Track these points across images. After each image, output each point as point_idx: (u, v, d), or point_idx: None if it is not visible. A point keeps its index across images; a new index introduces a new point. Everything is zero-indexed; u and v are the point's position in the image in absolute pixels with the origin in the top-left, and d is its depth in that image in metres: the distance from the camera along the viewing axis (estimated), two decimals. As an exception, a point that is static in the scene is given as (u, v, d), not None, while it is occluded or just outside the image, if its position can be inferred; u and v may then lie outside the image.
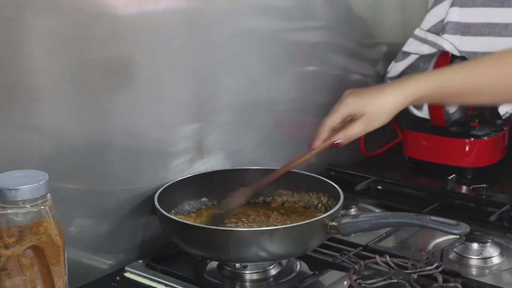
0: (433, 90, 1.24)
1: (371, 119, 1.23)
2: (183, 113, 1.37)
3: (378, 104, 1.23)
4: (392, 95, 1.23)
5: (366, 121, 1.23)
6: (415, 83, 1.25)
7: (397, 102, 1.23)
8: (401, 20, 1.92)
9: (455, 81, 1.25)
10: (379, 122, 1.24)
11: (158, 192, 1.28)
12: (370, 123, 1.24)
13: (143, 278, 1.23)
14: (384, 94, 1.24)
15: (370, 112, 1.22)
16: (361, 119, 1.23)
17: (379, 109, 1.23)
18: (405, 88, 1.24)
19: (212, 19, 1.38)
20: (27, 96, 1.09)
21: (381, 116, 1.23)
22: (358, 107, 1.23)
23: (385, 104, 1.23)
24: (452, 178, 1.60)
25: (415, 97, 1.23)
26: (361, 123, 1.23)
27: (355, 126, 1.23)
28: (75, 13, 1.13)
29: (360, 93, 1.25)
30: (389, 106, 1.23)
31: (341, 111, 1.24)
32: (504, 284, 1.23)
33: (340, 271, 1.24)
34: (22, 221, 0.92)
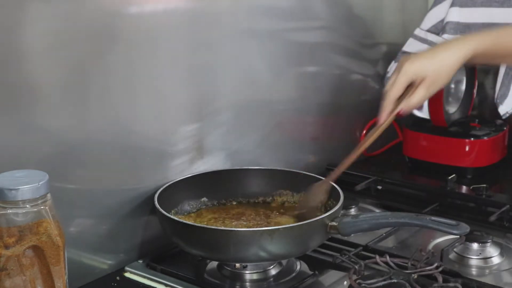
0: (489, 47, 1.22)
1: (432, 81, 1.21)
2: (183, 113, 1.37)
3: (438, 65, 1.21)
4: (450, 53, 1.22)
5: (427, 85, 1.21)
6: (471, 40, 1.23)
7: (456, 60, 1.21)
8: (401, 20, 1.92)
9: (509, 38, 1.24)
10: (441, 83, 1.22)
11: (158, 192, 1.28)
12: (432, 86, 1.21)
13: (143, 278, 1.23)
14: (442, 54, 1.22)
15: (431, 74, 1.20)
16: (423, 83, 1.20)
17: (438, 70, 1.21)
18: (462, 46, 1.22)
19: (212, 19, 1.38)
20: (28, 96, 1.09)
21: (442, 77, 1.21)
22: (418, 71, 1.20)
23: (444, 63, 1.21)
24: (452, 178, 1.60)
25: (472, 54, 1.21)
26: (423, 88, 1.21)
27: (417, 92, 1.21)
28: (75, 14, 1.13)
29: (416, 57, 1.23)
30: (448, 65, 1.21)
31: (401, 80, 1.21)
32: (504, 284, 1.23)
33: (340, 271, 1.24)
34: (22, 221, 0.92)
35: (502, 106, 1.65)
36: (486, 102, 1.92)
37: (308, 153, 1.69)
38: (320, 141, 1.72)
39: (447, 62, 1.21)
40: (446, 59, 1.21)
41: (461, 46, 1.22)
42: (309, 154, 1.70)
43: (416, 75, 1.20)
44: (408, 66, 1.21)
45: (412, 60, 1.21)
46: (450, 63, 1.21)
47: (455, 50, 1.22)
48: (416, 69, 1.21)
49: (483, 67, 1.84)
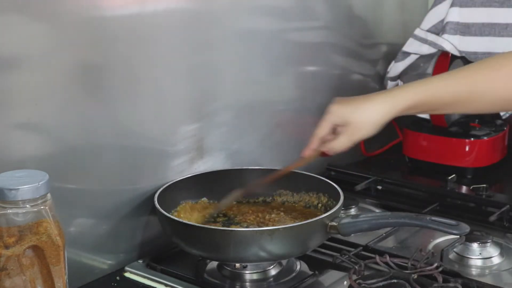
0: (424, 99, 1.18)
1: (355, 129, 1.18)
2: (183, 113, 1.37)
3: (363, 113, 1.18)
4: (378, 104, 1.18)
5: (350, 132, 1.19)
6: (403, 92, 1.19)
7: (383, 112, 1.18)
8: (401, 20, 1.92)
9: (447, 89, 1.19)
10: (364, 133, 1.19)
11: (158, 192, 1.28)
12: (354, 134, 1.19)
13: (143, 278, 1.23)
14: (369, 104, 1.19)
15: (354, 121, 1.18)
16: (346, 129, 1.18)
17: (363, 119, 1.18)
18: (392, 97, 1.18)
19: (212, 19, 1.38)
20: (27, 96, 1.09)
21: (366, 126, 1.18)
22: (342, 116, 1.19)
23: (370, 114, 1.18)
24: (452, 178, 1.60)
25: (404, 107, 1.18)
26: (345, 134, 1.19)
27: (339, 138, 1.19)
28: (75, 14, 1.13)
29: (346, 101, 1.21)
30: (374, 116, 1.18)
31: (327, 120, 1.20)
32: (504, 284, 1.23)
33: (340, 271, 1.24)
34: (22, 221, 0.92)
35: (502, 106, 1.65)
36: (486, 102, 1.92)
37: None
38: (320, 141, 1.71)
39: (373, 115, 1.18)
40: (372, 111, 1.18)
41: (388, 101, 1.18)
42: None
43: (340, 119, 1.19)
44: (336, 109, 1.20)
45: (341, 104, 1.20)
46: (375, 116, 1.18)
47: (384, 103, 1.18)
48: (341, 114, 1.19)
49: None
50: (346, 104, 1.21)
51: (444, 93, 1.20)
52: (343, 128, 1.19)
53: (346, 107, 1.20)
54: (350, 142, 1.20)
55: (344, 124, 1.19)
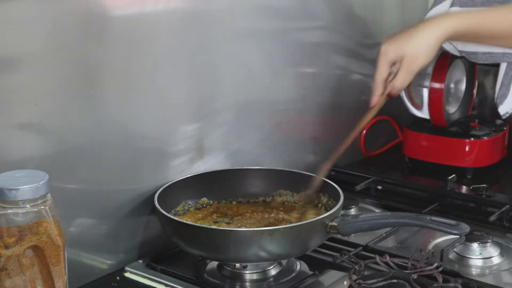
0: (468, 27, 1.19)
1: (411, 61, 1.19)
2: (183, 113, 1.37)
3: (415, 43, 1.19)
4: (427, 33, 1.19)
5: (407, 65, 1.19)
6: (450, 20, 1.20)
7: (433, 39, 1.19)
8: (401, 20, 1.92)
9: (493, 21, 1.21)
10: (421, 63, 1.20)
11: (158, 192, 1.28)
12: (412, 65, 1.20)
13: (143, 278, 1.23)
14: (419, 32, 1.20)
15: (409, 53, 1.19)
16: (402, 64, 1.19)
17: (416, 50, 1.19)
18: (440, 25, 1.20)
19: (212, 19, 1.38)
20: (27, 96, 1.09)
21: (421, 56, 1.19)
22: (396, 51, 1.20)
23: (422, 42, 1.19)
24: (452, 178, 1.60)
25: (453, 33, 1.19)
26: (403, 68, 1.20)
27: (399, 74, 1.20)
28: (75, 14, 1.13)
29: (396, 37, 1.22)
30: (426, 45, 1.19)
31: (383, 60, 1.21)
32: (504, 284, 1.23)
33: (340, 271, 1.24)
34: (22, 221, 0.92)
35: (502, 106, 1.65)
36: (486, 102, 1.92)
37: (308, 153, 1.69)
38: (320, 141, 1.72)
39: (425, 41, 1.19)
40: (423, 38, 1.19)
41: (439, 25, 1.20)
42: (309, 154, 1.70)
43: (395, 55, 1.20)
44: (386, 47, 1.21)
45: (390, 41, 1.21)
46: (427, 43, 1.19)
47: (433, 29, 1.19)
48: (393, 50, 1.20)
49: (483, 67, 1.84)
50: (396, 39, 1.22)
51: (493, 25, 1.22)
52: (401, 63, 1.20)
53: (397, 42, 1.21)
54: (410, 74, 1.21)
55: (400, 59, 1.20)
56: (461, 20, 1.20)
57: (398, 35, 1.22)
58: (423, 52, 1.19)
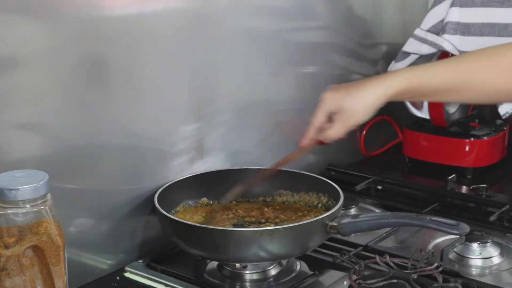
0: (416, 85, 1.18)
1: (349, 115, 1.19)
2: (183, 113, 1.37)
3: (356, 99, 1.19)
4: (370, 90, 1.18)
5: (344, 118, 1.19)
6: (395, 77, 1.19)
7: (375, 97, 1.18)
8: (401, 20, 1.92)
9: (441, 76, 1.19)
10: (358, 118, 1.19)
11: (158, 192, 1.28)
12: (349, 120, 1.19)
13: (143, 278, 1.23)
14: (362, 89, 1.19)
15: (348, 107, 1.18)
16: (340, 116, 1.19)
17: (357, 104, 1.18)
18: (383, 82, 1.19)
19: (212, 19, 1.38)
20: (27, 96, 1.09)
21: (360, 112, 1.19)
22: (335, 102, 1.19)
23: (362, 99, 1.18)
24: (452, 178, 1.60)
25: (395, 92, 1.18)
26: (340, 121, 1.19)
27: (335, 125, 1.20)
28: (75, 14, 1.13)
29: (339, 88, 1.22)
30: (367, 101, 1.18)
31: (322, 108, 1.21)
32: (504, 284, 1.23)
33: (340, 271, 1.24)
34: (22, 221, 0.92)
35: (502, 106, 1.65)
36: (486, 102, 1.92)
37: (308, 153, 1.69)
38: (320, 141, 1.71)
39: (365, 100, 1.18)
40: (363, 97, 1.18)
41: (380, 86, 1.18)
42: (309, 154, 1.69)
43: (334, 106, 1.20)
44: (328, 96, 1.21)
45: (332, 92, 1.21)
46: (367, 102, 1.18)
47: (375, 89, 1.18)
48: (333, 101, 1.20)
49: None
50: (339, 91, 1.21)
51: (437, 80, 1.20)
52: (338, 115, 1.20)
53: (340, 94, 1.21)
54: (345, 128, 1.21)
55: (338, 111, 1.20)
56: (402, 79, 1.18)
57: (343, 86, 1.22)
58: (361, 109, 1.19)
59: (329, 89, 1.22)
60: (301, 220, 1.29)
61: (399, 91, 1.18)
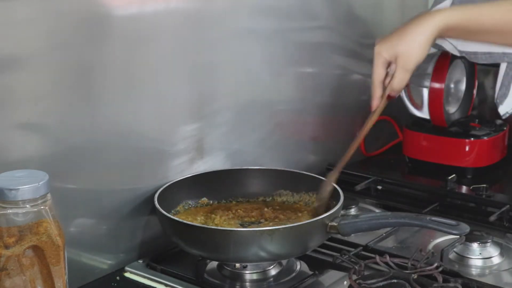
0: (464, 21, 1.19)
1: (406, 58, 1.19)
2: (183, 113, 1.37)
3: (407, 41, 1.19)
4: (419, 29, 1.19)
5: (403, 62, 1.19)
6: (444, 13, 1.20)
7: (426, 35, 1.19)
8: (401, 20, 1.91)
9: (490, 16, 1.20)
10: (415, 60, 1.20)
11: (158, 192, 1.28)
12: (407, 63, 1.19)
13: (143, 278, 1.23)
14: (411, 30, 1.19)
15: (402, 52, 1.19)
16: (397, 63, 1.19)
17: (409, 47, 1.19)
18: (433, 18, 1.19)
19: (212, 19, 1.38)
20: (27, 96, 1.09)
21: (415, 53, 1.19)
22: (389, 51, 1.20)
23: (414, 39, 1.19)
24: (452, 178, 1.60)
25: (445, 26, 1.18)
26: (399, 68, 1.19)
27: (396, 73, 1.20)
28: (75, 13, 1.13)
29: (388, 37, 1.22)
30: (419, 41, 1.19)
31: (378, 62, 1.21)
32: (504, 284, 1.23)
33: (340, 271, 1.24)
34: (22, 221, 0.92)
35: (502, 106, 1.65)
36: (486, 102, 1.93)
37: (308, 153, 1.69)
38: (320, 141, 1.72)
39: (417, 38, 1.19)
40: (415, 35, 1.19)
41: (430, 21, 1.19)
42: (309, 154, 1.70)
43: (388, 55, 1.20)
44: (379, 48, 1.21)
45: (382, 42, 1.21)
46: (420, 39, 1.19)
47: (424, 25, 1.19)
48: (386, 50, 1.20)
49: (483, 67, 1.84)
50: (388, 39, 1.22)
51: (485, 19, 1.20)
52: (395, 63, 1.20)
53: (390, 42, 1.21)
54: (407, 72, 1.21)
55: (394, 59, 1.20)
56: (452, 15, 1.19)
57: (390, 34, 1.21)
58: (417, 49, 1.19)
59: (379, 40, 1.22)
60: (301, 220, 1.29)
61: (448, 26, 1.18)
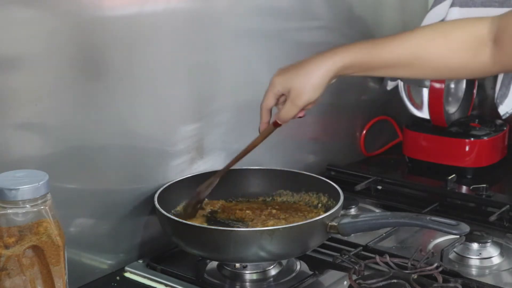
0: (364, 59, 1.19)
1: (297, 94, 1.19)
2: (183, 113, 1.37)
3: (302, 78, 1.19)
4: (317, 67, 1.19)
5: (293, 97, 1.20)
6: (343, 52, 1.20)
7: (323, 74, 1.18)
8: (401, 20, 1.92)
9: (390, 51, 1.19)
10: (307, 97, 1.20)
11: (158, 192, 1.28)
12: (298, 99, 1.20)
13: (143, 278, 1.23)
14: (308, 67, 1.20)
15: (295, 87, 1.19)
16: (289, 96, 1.20)
17: (303, 84, 1.19)
18: (331, 58, 1.19)
19: (212, 19, 1.38)
20: (27, 96, 1.09)
21: (307, 90, 1.19)
22: (284, 83, 1.20)
23: (309, 78, 1.19)
24: (452, 178, 1.60)
25: (342, 66, 1.18)
26: (289, 101, 1.20)
27: (285, 105, 1.21)
28: (75, 14, 1.13)
29: (286, 69, 1.22)
30: (314, 79, 1.19)
31: (271, 91, 1.23)
32: (504, 284, 1.23)
33: (340, 271, 1.24)
34: (22, 221, 0.92)
35: (502, 106, 1.65)
36: (486, 102, 1.93)
37: (308, 153, 1.69)
38: (320, 141, 1.72)
39: (311, 78, 1.19)
40: (310, 75, 1.18)
41: (327, 61, 1.19)
42: (309, 154, 1.70)
43: (282, 88, 1.21)
44: (275, 78, 1.22)
45: (279, 73, 1.22)
46: (315, 77, 1.18)
47: (321, 65, 1.19)
48: (281, 82, 1.21)
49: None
50: (286, 72, 1.22)
51: (387, 55, 1.20)
52: (287, 95, 1.21)
53: (286, 75, 1.22)
54: (295, 107, 1.21)
55: (287, 91, 1.21)
56: (350, 54, 1.19)
57: (289, 67, 1.23)
58: (309, 87, 1.19)
59: (277, 71, 1.23)
60: (301, 220, 1.29)
61: (346, 65, 1.19)
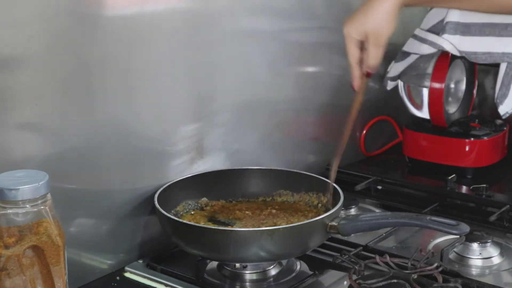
0: None
1: (376, 35, 1.20)
2: (183, 113, 1.37)
3: (374, 17, 1.20)
4: (384, 3, 1.20)
5: (374, 39, 1.20)
6: None
7: (391, 7, 1.20)
8: (401, 20, 1.91)
9: None
10: (385, 33, 1.20)
11: (158, 192, 1.28)
12: (379, 39, 1.20)
13: (143, 278, 1.23)
14: (374, 5, 1.20)
15: (371, 28, 1.19)
16: (369, 40, 1.20)
17: (377, 22, 1.20)
18: None
19: (212, 19, 1.38)
20: (27, 96, 1.09)
21: (384, 27, 1.20)
22: (358, 29, 1.20)
23: (380, 13, 1.20)
24: (452, 178, 1.60)
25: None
26: (372, 44, 1.20)
27: (369, 52, 1.21)
28: (75, 13, 1.13)
29: (353, 16, 1.22)
30: (386, 14, 1.19)
31: (350, 42, 1.22)
32: (504, 284, 1.23)
33: (340, 271, 1.24)
34: (22, 221, 0.92)
35: (502, 106, 1.65)
36: (486, 102, 1.93)
37: (308, 153, 1.69)
38: (320, 141, 1.72)
39: (382, 11, 1.19)
40: (379, 8, 1.19)
41: None
42: (309, 154, 1.70)
43: (358, 35, 1.21)
44: (347, 29, 1.21)
45: (350, 22, 1.22)
46: (386, 11, 1.19)
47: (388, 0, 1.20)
48: (355, 29, 1.21)
49: (483, 67, 1.84)
50: (354, 19, 1.22)
51: None
52: (367, 40, 1.21)
53: (357, 21, 1.22)
54: (380, 47, 1.22)
55: (365, 36, 1.20)
56: None
57: (355, 14, 1.22)
58: (385, 23, 1.20)
59: (345, 22, 1.22)
60: (301, 220, 1.29)
61: None
